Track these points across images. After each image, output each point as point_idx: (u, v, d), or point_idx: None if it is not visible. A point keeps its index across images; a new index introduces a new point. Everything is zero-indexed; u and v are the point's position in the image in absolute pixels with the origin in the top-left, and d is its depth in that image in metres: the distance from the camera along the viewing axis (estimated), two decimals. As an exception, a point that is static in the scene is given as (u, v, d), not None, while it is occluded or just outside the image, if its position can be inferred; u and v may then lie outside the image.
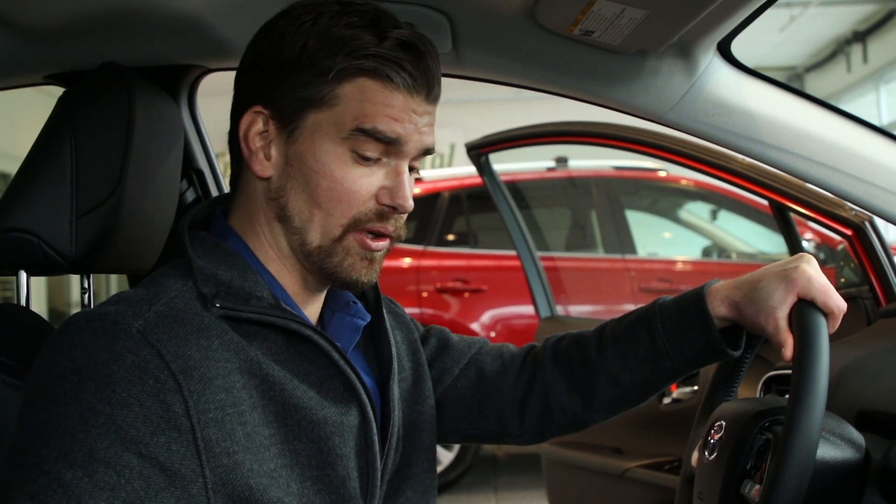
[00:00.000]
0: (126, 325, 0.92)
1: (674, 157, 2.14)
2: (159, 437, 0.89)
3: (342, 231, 1.03)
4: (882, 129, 1.40)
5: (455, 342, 1.34)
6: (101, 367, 0.89)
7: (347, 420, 1.04)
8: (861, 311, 1.73)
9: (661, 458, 2.38)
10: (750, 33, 1.33)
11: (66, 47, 1.37)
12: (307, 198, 1.02)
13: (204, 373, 0.93)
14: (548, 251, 5.43)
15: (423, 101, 1.05)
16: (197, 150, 1.64)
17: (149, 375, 0.90)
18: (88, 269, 1.25)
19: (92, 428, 0.87)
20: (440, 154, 10.76)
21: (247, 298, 1.00)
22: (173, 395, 0.90)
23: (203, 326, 0.96)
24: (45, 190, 1.20)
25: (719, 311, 1.18)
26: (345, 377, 1.04)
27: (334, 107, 1.01)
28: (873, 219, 1.70)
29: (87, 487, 0.86)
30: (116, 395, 0.88)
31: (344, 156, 1.02)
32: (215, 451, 0.92)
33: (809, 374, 1.03)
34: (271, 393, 0.98)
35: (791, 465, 1.00)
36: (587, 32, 1.25)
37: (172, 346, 0.92)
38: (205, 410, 0.92)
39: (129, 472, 0.87)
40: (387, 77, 1.01)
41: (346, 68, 1.00)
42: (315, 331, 1.02)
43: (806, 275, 1.12)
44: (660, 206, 6.15)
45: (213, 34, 1.37)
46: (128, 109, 1.24)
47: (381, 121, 1.01)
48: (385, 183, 1.04)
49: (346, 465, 1.03)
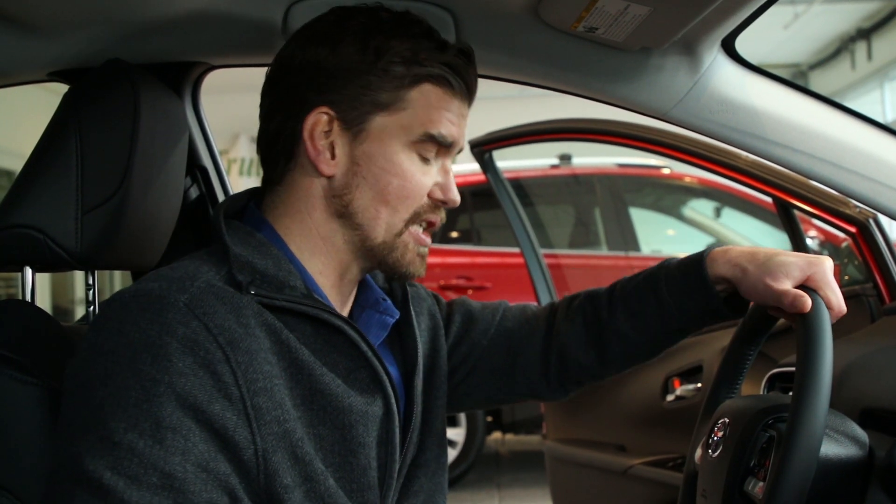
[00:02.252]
0: (173, 298, 0.95)
1: (678, 154, 2.13)
2: (214, 405, 0.93)
3: (404, 226, 1.10)
4: (886, 127, 1.40)
5: (478, 313, 1.37)
6: (154, 339, 0.93)
7: (372, 410, 1.06)
8: (865, 308, 1.73)
9: (664, 456, 2.37)
10: (754, 30, 1.33)
11: (71, 44, 1.37)
12: (374, 196, 1.08)
13: (249, 345, 0.96)
14: (551, 248, 5.43)
15: (468, 105, 1.15)
16: (201, 147, 1.64)
17: (199, 347, 0.93)
18: (93, 266, 1.26)
19: (154, 397, 0.91)
20: (443, 151, 10.74)
21: (281, 287, 1.03)
22: (222, 366, 0.94)
23: (240, 305, 0.99)
24: (51, 186, 1.20)
25: (721, 271, 1.20)
26: (372, 368, 1.07)
27: (402, 111, 1.08)
28: (877, 216, 1.70)
29: (160, 453, 0.89)
30: (173, 365, 0.92)
31: (412, 157, 1.09)
32: (266, 419, 0.95)
33: (813, 372, 1.03)
34: (299, 376, 1.01)
35: (795, 463, 1.00)
36: (591, 29, 1.25)
37: (218, 320, 0.96)
38: (253, 380, 0.95)
39: (194, 436, 0.91)
40: (447, 83, 1.10)
41: (416, 75, 1.08)
42: (345, 321, 1.06)
43: (825, 266, 1.15)
44: (663, 204, 6.14)
45: (217, 31, 1.37)
46: (133, 106, 1.24)
47: (444, 126, 1.10)
48: (438, 179, 1.12)
49: (367, 454, 1.05)
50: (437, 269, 5.21)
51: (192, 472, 0.90)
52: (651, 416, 2.46)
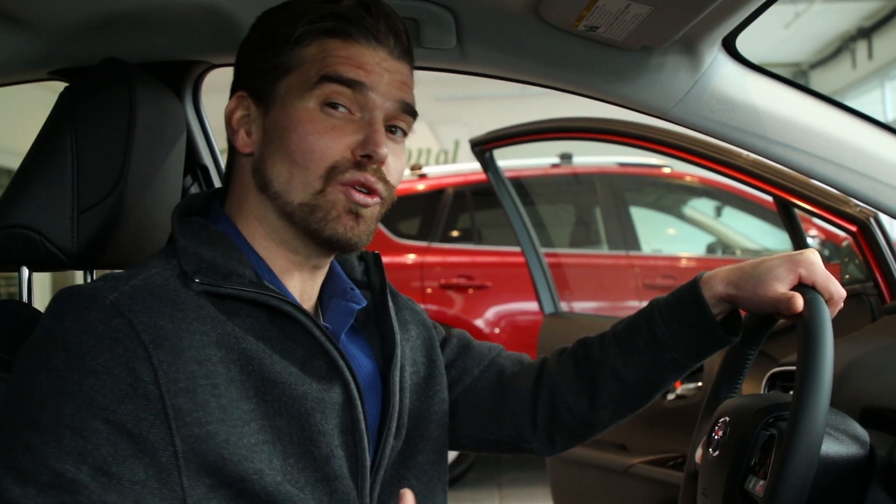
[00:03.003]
0: (101, 297, 0.95)
1: (678, 153, 2.13)
2: (127, 404, 0.91)
3: (322, 183, 1.05)
4: (887, 126, 1.40)
5: (476, 345, 1.35)
6: (72, 336, 0.93)
7: (330, 397, 1.04)
8: (866, 307, 1.73)
9: (665, 455, 2.38)
10: (755, 29, 1.32)
11: (72, 43, 1.37)
12: (283, 158, 1.06)
13: (175, 343, 0.95)
14: (552, 247, 5.43)
15: (389, 56, 1.09)
16: (201, 146, 1.64)
17: (118, 344, 0.93)
18: (90, 265, 1.26)
19: (59, 395, 0.90)
20: (444, 150, 10.76)
21: (228, 275, 1.03)
22: (142, 364, 0.93)
23: (178, 301, 0.98)
24: (47, 186, 1.20)
25: (716, 290, 1.18)
26: (328, 356, 1.05)
27: (300, 68, 1.07)
28: (878, 215, 1.70)
29: (54, 452, 0.88)
30: (84, 364, 0.91)
31: (314, 110, 1.05)
32: (186, 420, 0.93)
33: (814, 370, 1.03)
34: (249, 368, 0.99)
35: (795, 461, 1.00)
36: (592, 28, 1.25)
37: (144, 317, 0.95)
38: (175, 380, 0.94)
39: (97, 437, 0.90)
40: (346, 34, 1.07)
41: (306, 31, 1.07)
42: (297, 308, 1.04)
43: (810, 259, 1.14)
44: (664, 203, 6.14)
45: (216, 30, 1.37)
46: (129, 105, 1.24)
47: (343, 68, 1.05)
48: (358, 135, 1.06)
49: (328, 442, 1.04)
50: (437, 268, 5.20)
51: (88, 473, 0.89)
52: (652, 415, 2.45)
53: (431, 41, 1.37)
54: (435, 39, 1.37)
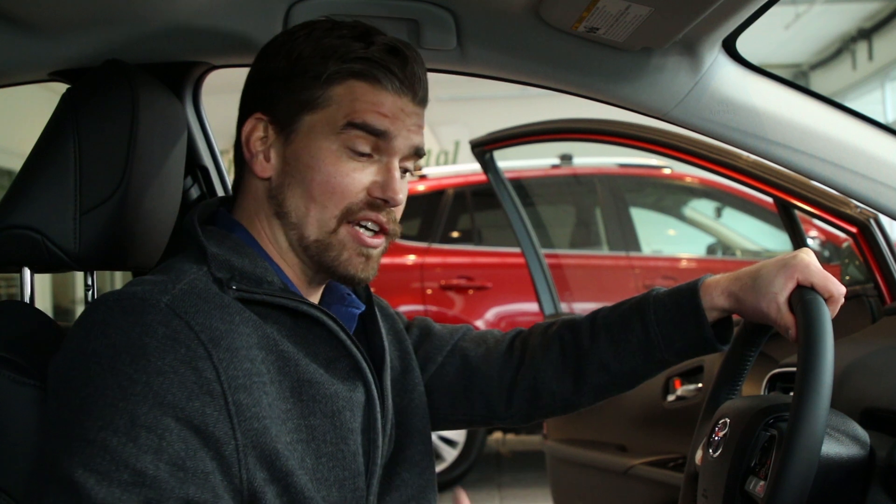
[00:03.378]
0: (154, 300, 0.98)
1: (678, 154, 2.13)
2: (194, 401, 0.95)
3: (336, 223, 1.09)
4: (887, 127, 1.40)
5: (437, 330, 1.38)
6: (135, 339, 0.95)
7: (356, 396, 1.10)
8: (866, 308, 1.72)
9: (665, 456, 2.37)
10: (755, 30, 1.33)
11: (71, 44, 1.37)
12: (303, 193, 1.09)
13: (230, 342, 0.99)
14: (552, 248, 5.43)
15: (410, 102, 1.12)
16: (202, 148, 1.64)
17: (180, 344, 0.96)
18: (92, 266, 1.26)
19: (131, 396, 0.93)
20: (445, 151, 10.76)
21: (259, 282, 1.07)
22: (204, 363, 0.96)
23: (224, 304, 1.02)
24: (49, 187, 1.20)
25: (717, 302, 1.21)
26: (352, 357, 1.11)
27: (327, 108, 1.09)
28: (878, 216, 1.70)
29: (133, 451, 0.91)
30: (151, 364, 0.94)
31: (337, 151, 1.09)
32: (246, 415, 0.97)
33: (814, 371, 1.03)
34: (287, 369, 1.04)
35: (796, 462, 1.00)
36: (592, 29, 1.25)
37: (200, 318, 0.98)
38: (234, 377, 0.98)
39: (170, 434, 0.93)
40: (375, 78, 1.09)
41: (336, 71, 1.09)
42: (324, 312, 1.09)
43: (805, 261, 1.16)
44: (664, 204, 6.14)
45: (217, 31, 1.37)
46: (131, 106, 1.24)
47: (370, 116, 1.08)
48: (377, 178, 1.10)
49: (355, 440, 1.09)
50: (437, 269, 5.21)
51: (166, 469, 0.92)
52: (652, 417, 2.45)
53: (432, 42, 1.37)
54: (435, 41, 1.37)
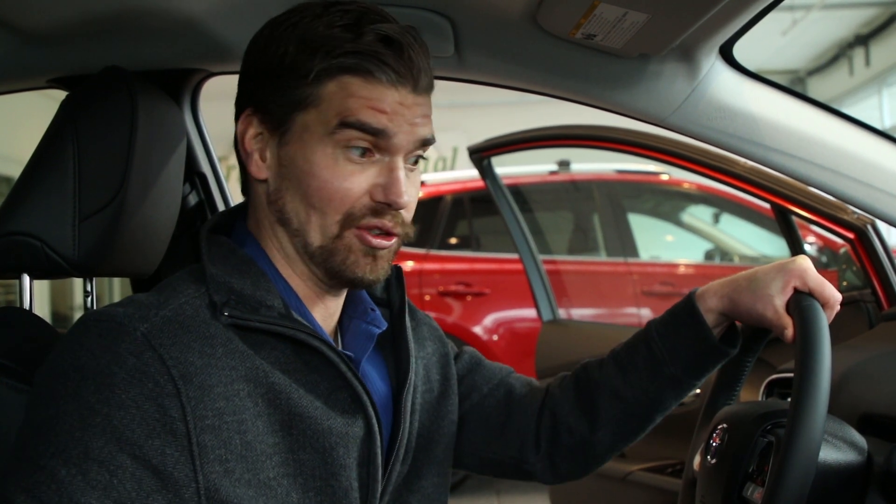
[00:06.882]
0: (131, 327, 0.93)
1: (676, 160, 2.14)
2: (154, 440, 0.90)
3: (339, 228, 1.03)
4: (884, 133, 1.40)
5: (486, 363, 1.35)
6: (103, 367, 0.91)
7: (353, 431, 1.04)
8: (863, 314, 1.73)
9: (663, 462, 2.37)
10: (752, 37, 1.33)
11: (70, 51, 1.37)
12: (302, 199, 1.03)
13: (204, 380, 0.94)
14: (550, 254, 5.43)
15: (411, 93, 1.04)
16: (200, 154, 1.64)
17: (148, 378, 0.91)
18: (91, 273, 1.25)
19: (88, 427, 0.89)
20: (443, 158, 10.76)
21: (257, 307, 1.01)
22: (171, 400, 0.91)
23: (208, 334, 0.97)
24: (48, 193, 1.20)
25: (711, 304, 1.19)
26: (352, 389, 1.04)
27: (319, 106, 1.01)
28: (875, 222, 1.70)
29: (80, 485, 0.87)
30: (115, 397, 0.90)
31: (333, 154, 1.01)
32: (209, 457, 0.92)
33: (811, 377, 1.03)
34: (277, 402, 0.98)
35: (793, 468, 1.00)
36: (589, 36, 1.25)
37: (175, 352, 0.93)
38: (202, 417, 0.92)
39: (122, 472, 0.88)
40: (368, 72, 1.01)
41: (325, 68, 1.01)
42: (323, 342, 1.02)
43: (802, 267, 1.15)
44: (662, 210, 6.15)
45: (215, 38, 1.37)
46: (130, 113, 1.24)
47: (364, 113, 1.00)
48: (378, 180, 1.03)
49: (348, 475, 1.03)
50: (436, 276, 5.21)
51: None
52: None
53: (429, 49, 1.37)
54: (433, 47, 1.36)
